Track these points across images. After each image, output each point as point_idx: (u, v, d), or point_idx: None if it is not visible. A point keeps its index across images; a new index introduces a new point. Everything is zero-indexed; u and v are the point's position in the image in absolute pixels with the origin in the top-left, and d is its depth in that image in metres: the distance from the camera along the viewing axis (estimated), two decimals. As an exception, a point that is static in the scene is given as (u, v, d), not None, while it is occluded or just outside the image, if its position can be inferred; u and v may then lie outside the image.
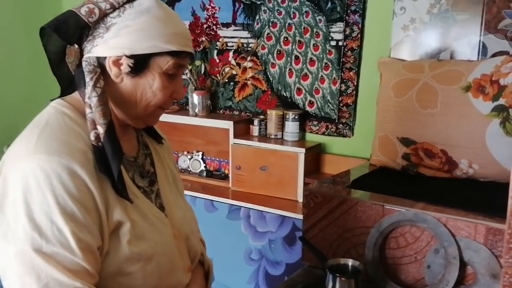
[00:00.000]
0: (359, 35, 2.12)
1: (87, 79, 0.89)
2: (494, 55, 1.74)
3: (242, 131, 2.36)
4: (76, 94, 0.96)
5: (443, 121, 1.56)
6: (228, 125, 2.30)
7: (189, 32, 0.99)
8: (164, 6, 0.94)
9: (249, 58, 2.43)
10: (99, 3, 0.89)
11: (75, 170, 0.83)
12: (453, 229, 1.21)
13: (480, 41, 1.78)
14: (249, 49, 2.42)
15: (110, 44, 0.89)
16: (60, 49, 0.94)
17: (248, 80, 2.45)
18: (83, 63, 0.91)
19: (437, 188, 1.52)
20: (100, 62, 0.91)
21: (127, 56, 0.90)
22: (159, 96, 0.95)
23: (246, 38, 2.42)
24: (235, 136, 2.29)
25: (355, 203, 1.35)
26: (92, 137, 0.89)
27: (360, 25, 2.11)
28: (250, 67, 2.44)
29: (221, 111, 2.56)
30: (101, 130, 0.89)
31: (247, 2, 2.38)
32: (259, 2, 2.35)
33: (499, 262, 1.17)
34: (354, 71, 2.15)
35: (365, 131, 2.12)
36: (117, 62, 0.91)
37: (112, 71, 0.91)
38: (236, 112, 2.52)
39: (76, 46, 0.92)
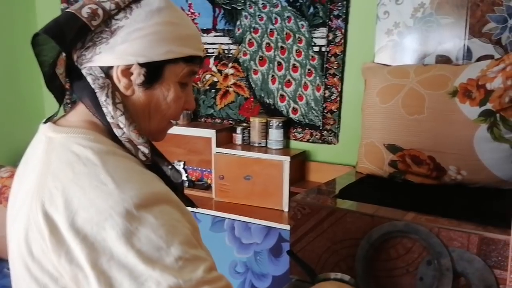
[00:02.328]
0: (342, 40, 2.08)
1: (102, 97, 0.77)
2: (479, 59, 1.73)
3: (225, 140, 2.30)
4: (78, 115, 0.81)
5: (430, 127, 1.53)
6: (210, 133, 2.24)
7: (199, 34, 0.90)
8: (173, 5, 0.83)
9: (230, 64, 2.38)
10: (102, 2, 0.76)
11: (163, 195, 0.75)
12: (445, 239, 1.17)
13: (464, 45, 1.77)
14: (230, 55, 2.37)
15: (119, 51, 0.77)
16: (55, 59, 0.80)
17: (230, 87, 2.40)
18: (89, 78, 0.78)
19: (426, 196, 1.48)
20: (105, 72, 0.78)
21: (139, 65, 0.78)
22: (173, 108, 0.84)
23: (227, 44, 2.37)
24: (218, 145, 2.23)
25: (344, 214, 1.31)
26: (143, 157, 0.81)
27: (343, 30, 2.08)
28: (231, 74, 2.38)
29: (202, 119, 2.50)
30: (145, 150, 0.80)
31: (227, 7, 2.34)
32: (239, 8, 2.30)
33: (493, 272, 1.13)
34: (338, 77, 2.11)
35: (350, 138, 2.08)
36: (126, 72, 0.78)
37: (121, 82, 0.79)
38: (218, 120, 2.46)
39: (64, 54, 0.80)
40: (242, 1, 2.29)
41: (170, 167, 0.89)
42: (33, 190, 0.73)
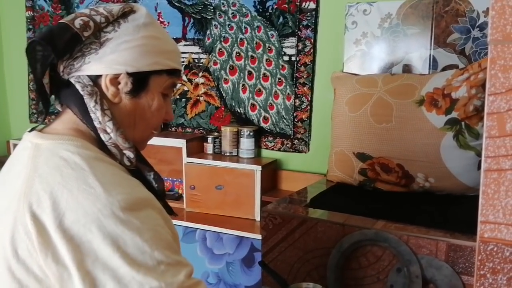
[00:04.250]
0: (311, 50, 2.10)
1: (91, 103, 0.81)
2: (444, 69, 1.77)
3: (196, 149, 2.28)
4: (64, 124, 0.84)
5: (398, 135, 1.55)
6: (181, 143, 2.22)
7: (179, 49, 0.96)
8: (157, 22, 0.90)
9: (200, 73, 2.37)
10: (93, 16, 0.81)
11: (148, 200, 0.78)
12: (414, 247, 1.19)
13: (430, 54, 1.81)
14: (200, 64, 2.36)
15: (107, 61, 0.81)
16: (45, 68, 0.83)
17: (201, 96, 2.39)
18: (77, 85, 0.81)
19: (396, 204, 1.50)
20: (93, 81, 0.83)
21: (127, 74, 0.83)
22: (156, 117, 0.90)
23: (197, 53, 2.36)
24: (189, 155, 2.21)
25: (315, 224, 1.31)
26: (127, 162, 0.84)
27: (312, 40, 2.10)
28: (202, 83, 2.37)
29: (173, 129, 2.48)
30: (131, 154, 0.84)
31: (197, 16, 2.33)
32: (209, 17, 2.30)
33: (461, 279, 1.15)
34: (308, 86, 2.13)
35: (321, 146, 2.10)
36: (114, 80, 0.83)
37: (109, 90, 0.83)
38: (188, 130, 2.44)
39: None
40: (212, 10, 2.29)
41: (153, 174, 0.92)
42: (20, 193, 0.74)
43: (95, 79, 0.82)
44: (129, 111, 0.86)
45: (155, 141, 2.27)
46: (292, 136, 2.20)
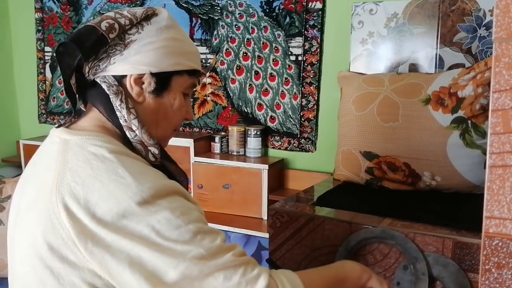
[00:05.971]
0: (318, 50, 2.11)
1: (117, 102, 0.85)
2: (450, 68, 1.78)
3: (203, 149, 2.30)
4: (90, 121, 0.88)
5: (405, 134, 1.56)
6: (188, 142, 2.24)
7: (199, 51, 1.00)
8: (178, 25, 0.94)
9: (208, 74, 2.39)
10: (118, 19, 0.85)
11: (175, 187, 0.81)
12: (421, 244, 1.20)
13: (436, 54, 1.81)
14: (207, 64, 2.38)
15: (132, 62, 0.85)
16: (73, 68, 0.87)
17: (208, 96, 2.41)
18: (103, 85, 0.86)
19: (402, 202, 1.51)
20: (118, 81, 0.87)
21: (151, 74, 0.87)
22: (178, 116, 0.94)
23: (205, 53, 2.38)
24: (196, 154, 2.23)
25: (322, 221, 1.32)
26: (152, 158, 0.88)
27: (319, 40, 2.11)
28: (209, 83, 2.39)
29: (180, 129, 2.50)
30: (156, 150, 0.88)
31: (204, 17, 2.35)
32: (216, 18, 2.32)
33: (467, 276, 1.16)
34: (315, 85, 2.14)
35: (328, 145, 2.11)
36: (138, 80, 0.87)
37: (133, 90, 0.87)
38: (196, 129, 2.46)
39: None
40: (219, 11, 2.31)
41: (176, 169, 0.95)
42: (52, 185, 0.78)
43: (119, 79, 0.86)
44: (152, 110, 0.90)
45: (163, 140, 2.30)
46: (298, 136, 2.21)
